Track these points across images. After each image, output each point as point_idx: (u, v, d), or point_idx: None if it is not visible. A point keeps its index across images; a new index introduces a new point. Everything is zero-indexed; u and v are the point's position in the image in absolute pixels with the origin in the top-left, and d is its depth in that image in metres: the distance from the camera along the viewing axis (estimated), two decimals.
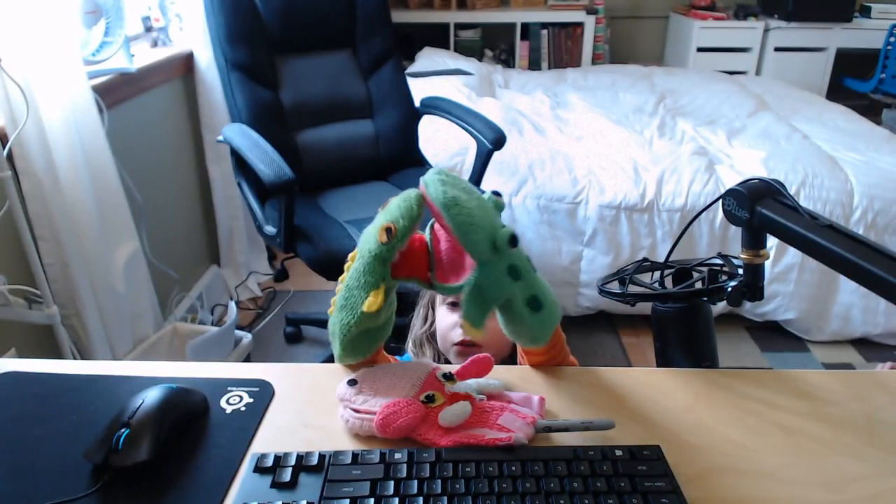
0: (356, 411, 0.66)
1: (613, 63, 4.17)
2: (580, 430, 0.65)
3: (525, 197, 2.14)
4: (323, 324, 2.56)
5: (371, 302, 0.68)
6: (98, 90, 1.58)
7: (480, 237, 0.65)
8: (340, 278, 0.73)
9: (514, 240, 0.65)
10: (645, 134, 2.53)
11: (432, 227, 0.72)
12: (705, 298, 0.81)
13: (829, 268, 0.67)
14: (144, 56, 1.94)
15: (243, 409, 0.69)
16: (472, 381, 0.72)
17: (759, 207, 0.72)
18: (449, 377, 0.72)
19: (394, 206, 0.69)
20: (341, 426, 0.67)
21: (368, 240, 0.70)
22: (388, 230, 0.67)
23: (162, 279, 1.93)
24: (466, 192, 0.67)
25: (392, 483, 0.58)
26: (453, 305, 1.03)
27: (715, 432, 0.67)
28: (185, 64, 2.10)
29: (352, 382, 0.70)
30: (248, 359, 1.87)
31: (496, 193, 0.71)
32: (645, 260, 0.92)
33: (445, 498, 0.57)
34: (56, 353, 1.45)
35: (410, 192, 0.69)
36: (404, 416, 0.64)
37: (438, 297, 1.08)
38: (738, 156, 2.33)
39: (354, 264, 0.71)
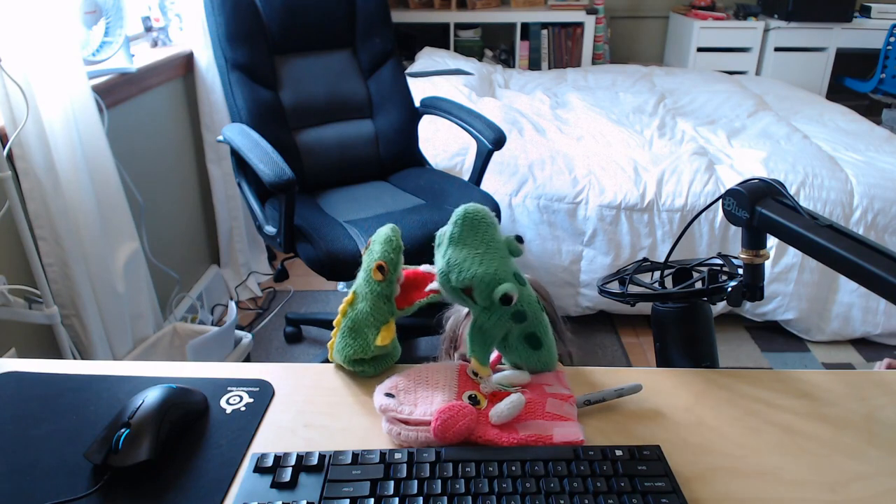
0: (407, 423, 0.65)
1: (613, 63, 4.18)
2: (615, 398, 0.70)
3: (525, 197, 2.14)
4: (323, 324, 2.54)
5: (384, 336, 0.73)
6: (98, 90, 1.58)
7: (475, 297, 0.69)
8: (342, 307, 0.75)
9: (505, 299, 0.67)
10: (645, 134, 2.53)
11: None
12: (705, 298, 0.81)
13: (829, 268, 0.67)
14: (144, 56, 1.94)
15: (243, 409, 0.69)
16: (501, 376, 0.72)
17: (759, 207, 0.72)
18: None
19: (378, 246, 0.75)
20: (344, 426, 0.67)
21: (369, 281, 0.74)
22: (380, 268, 0.73)
23: (162, 279, 1.93)
24: (473, 246, 0.69)
25: (392, 483, 0.58)
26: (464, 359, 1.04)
27: (715, 432, 0.67)
28: (185, 64, 2.10)
29: (389, 395, 0.68)
30: (248, 359, 1.87)
31: (518, 239, 0.73)
32: (645, 260, 0.92)
33: (445, 498, 0.57)
34: (56, 353, 1.45)
35: (388, 231, 0.75)
36: (462, 420, 0.64)
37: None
38: (738, 156, 2.32)
39: (360, 306, 0.74)
